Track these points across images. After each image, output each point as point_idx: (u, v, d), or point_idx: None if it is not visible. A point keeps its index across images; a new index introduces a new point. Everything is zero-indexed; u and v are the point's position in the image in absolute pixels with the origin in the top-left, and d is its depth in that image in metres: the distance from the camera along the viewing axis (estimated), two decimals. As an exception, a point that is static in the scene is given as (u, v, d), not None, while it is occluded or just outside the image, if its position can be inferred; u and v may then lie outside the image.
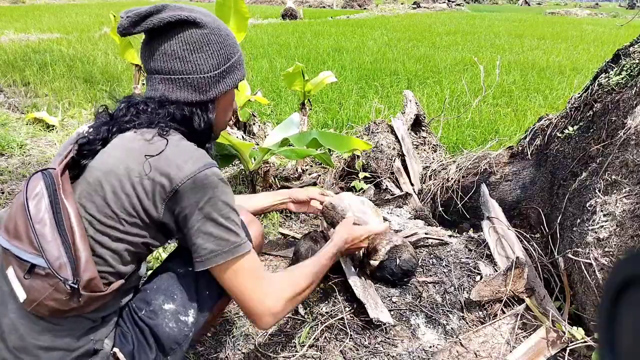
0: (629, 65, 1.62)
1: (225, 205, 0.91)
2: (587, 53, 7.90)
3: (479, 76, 5.23)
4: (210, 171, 0.89)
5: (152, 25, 0.91)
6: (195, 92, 0.97)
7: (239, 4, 2.16)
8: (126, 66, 5.55)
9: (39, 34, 8.63)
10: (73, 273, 0.81)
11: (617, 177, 1.43)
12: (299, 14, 15.10)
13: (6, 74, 5.07)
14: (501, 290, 1.51)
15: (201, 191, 0.87)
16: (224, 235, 0.90)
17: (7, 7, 16.77)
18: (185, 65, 0.94)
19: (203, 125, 1.00)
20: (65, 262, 0.81)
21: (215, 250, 0.90)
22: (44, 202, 0.83)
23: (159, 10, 0.92)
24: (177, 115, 0.96)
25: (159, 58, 0.94)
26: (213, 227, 0.89)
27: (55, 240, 0.81)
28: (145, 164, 0.87)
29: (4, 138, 2.99)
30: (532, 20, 16.55)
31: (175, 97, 0.96)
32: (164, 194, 0.87)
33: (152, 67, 0.96)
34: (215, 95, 1.00)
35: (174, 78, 0.95)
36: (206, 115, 1.00)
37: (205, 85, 0.97)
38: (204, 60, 0.96)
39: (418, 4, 22.66)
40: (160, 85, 0.95)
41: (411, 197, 2.23)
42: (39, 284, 0.81)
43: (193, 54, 0.94)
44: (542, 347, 1.33)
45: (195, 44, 0.94)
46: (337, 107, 4.27)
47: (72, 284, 0.81)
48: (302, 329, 1.43)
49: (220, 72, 0.98)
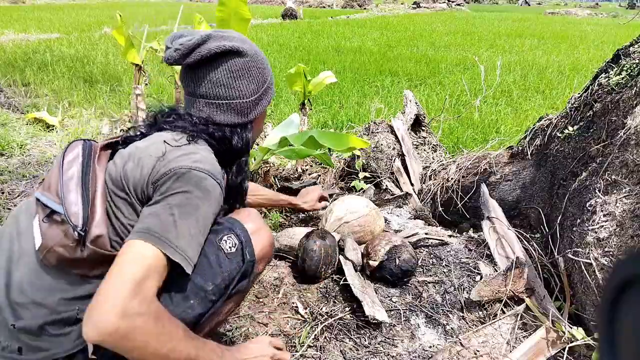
0: (629, 65, 1.62)
1: (194, 210, 0.88)
2: (587, 53, 7.90)
3: (479, 76, 5.24)
4: (207, 176, 0.92)
5: (201, 57, 0.99)
6: (238, 115, 1.06)
7: (241, 7, 2.16)
8: (126, 66, 5.55)
9: (39, 34, 8.63)
10: (83, 223, 0.88)
11: (617, 177, 1.43)
12: (299, 14, 15.10)
13: (6, 74, 5.07)
14: (501, 290, 1.51)
15: (186, 182, 0.89)
16: (166, 221, 0.85)
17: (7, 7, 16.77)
18: (229, 91, 1.03)
19: (242, 144, 1.09)
20: (79, 211, 0.89)
21: (151, 229, 0.84)
22: (77, 163, 0.95)
23: (205, 41, 0.99)
24: (216, 135, 1.04)
25: (205, 85, 1.02)
26: (165, 210, 0.86)
27: (77, 193, 0.91)
28: (158, 153, 0.94)
29: (4, 138, 2.99)
30: (532, 20, 16.55)
31: (219, 119, 1.05)
32: (155, 177, 0.92)
33: (197, 92, 1.04)
34: (255, 116, 1.10)
35: (219, 103, 1.04)
36: (245, 134, 1.09)
37: (247, 108, 1.07)
38: (246, 87, 1.05)
39: (418, 4, 22.67)
40: (206, 108, 1.04)
41: (411, 197, 2.23)
42: (53, 230, 0.90)
43: (236, 81, 1.03)
44: (542, 347, 1.33)
45: (238, 72, 1.03)
46: (337, 107, 4.26)
47: (80, 231, 0.88)
48: (302, 329, 1.43)
49: (259, 95, 1.08)
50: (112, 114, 3.95)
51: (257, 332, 1.45)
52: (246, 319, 1.49)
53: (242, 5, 2.17)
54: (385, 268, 1.60)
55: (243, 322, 1.49)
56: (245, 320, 1.49)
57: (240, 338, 1.42)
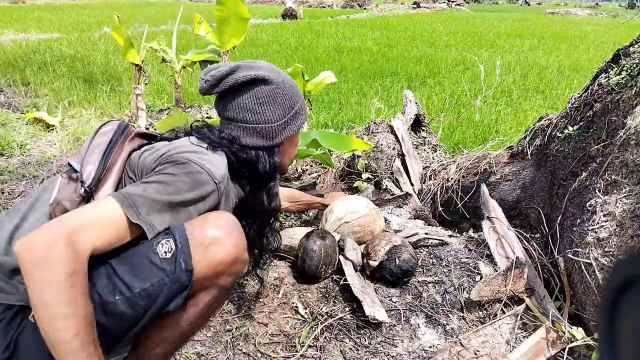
0: (629, 65, 1.62)
1: (175, 192, 0.92)
2: (587, 53, 7.91)
3: (479, 76, 5.24)
4: (203, 172, 0.96)
5: (229, 87, 1.07)
6: (263, 139, 1.12)
7: (240, 6, 2.16)
8: (126, 66, 5.55)
9: (39, 34, 8.63)
10: (92, 182, 0.98)
11: (617, 177, 1.43)
12: (299, 14, 15.11)
13: (6, 74, 5.07)
14: (501, 290, 1.51)
15: (179, 170, 0.94)
16: (142, 194, 0.89)
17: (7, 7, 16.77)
18: (255, 116, 1.10)
19: (268, 167, 1.14)
20: (92, 172, 1.00)
21: (130, 194, 0.89)
22: (108, 135, 1.06)
23: (233, 72, 1.08)
24: (240, 155, 1.10)
25: (233, 109, 1.10)
26: (150, 180, 0.94)
27: (97, 159, 1.02)
28: (170, 149, 1.01)
29: (4, 138, 2.99)
30: (532, 20, 16.55)
31: (246, 142, 1.11)
32: (161, 160, 0.98)
33: (227, 116, 1.12)
34: (281, 140, 1.15)
35: (246, 126, 1.10)
36: (272, 158, 1.15)
37: (273, 132, 1.12)
38: (272, 112, 1.11)
39: (418, 4, 22.67)
40: (234, 131, 1.11)
41: (411, 197, 2.23)
42: (68, 186, 1.00)
43: (262, 106, 1.09)
44: (542, 347, 1.33)
45: (264, 99, 1.09)
46: (337, 107, 4.27)
47: (87, 187, 0.98)
48: (302, 329, 1.43)
49: (285, 120, 1.13)
50: (112, 114, 3.95)
51: (257, 332, 1.45)
52: (246, 319, 1.49)
53: (240, 4, 2.17)
54: (385, 268, 1.60)
55: (243, 322, 1.49)
56: (245, 320, 1.50)
57: (241, 338, 1.42)
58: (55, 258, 0.76)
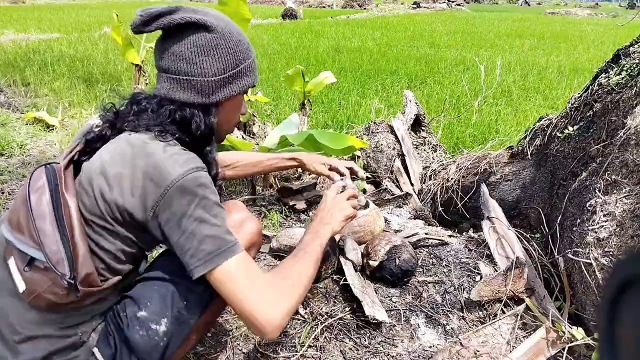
0: (629, 65, 1.62)
1: (215, 205, 0.89)
2: (587, 53, 7.91)
3: (479, 76, 5.24)
4: (197, 174, 0.88)
5: (162, 26, 0.92)
6: (197, 95, 0.97)
7: (241, 6, 2.17)
8: (126, 66, 5.55)
9: (39, 34, 8.63)
10: (70, 268, 0.83)
11: (617, 177, 1.43)
12: (299, 14, 15.11)
13: (6, 74, 5.07)
14: (501, 290, 1.51)
15: (190, 194, 0.86)
16: (220, 234, 0.88)
17: (7, 7, 16.78)
18: (190, 67, 0.95)
19: (203, 127, 0.99)
20: (63, 257, 0.83)
21: (213, 250, 0.86)
22: (45, 197, 0.85)
23: (171, 12, 0.93)
24: (177, 117, 0.96)
25: (167, 57, 0.95)
26: (207, 228, 0.87)
27: (55, 235, 0.83)
28: (135, 169, 0.87)
29: (4, 138, 2.99)
30: (532, 20, 16.55)
31: (178, 97, 0.96)
32: (152, 200, 0.86)
33: (161, 65, 0.97)
34: (219, 99, 0.99)
35: (179, 78, 0.96)
36: (208, 118, 1.00)
37: (209, 88, 0.97)
38: (210, 64, 0.96)
39: (418, 4, 22.68)
40: (166, 84, 0.97)
41: (411, 197, 2.23)
42: (38, 277, 0.84)
43: (199, 56, 0.95)
44: (542, 347, 1.33)
45: (202, 47, 0.94)
46: (337, 107, 4.27)
47: (70, 279, 0.83)
48: (302, 329, 1.43)
49: (226, 76, 0.98)
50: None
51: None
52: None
53: (242, 5, 2.17)
54: (385, 268, 1.60)
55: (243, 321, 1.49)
56: (245, 320, 1.49)
57: (240, 338, 1.42)
58: (281, 301, 0.91)
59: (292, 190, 2.31)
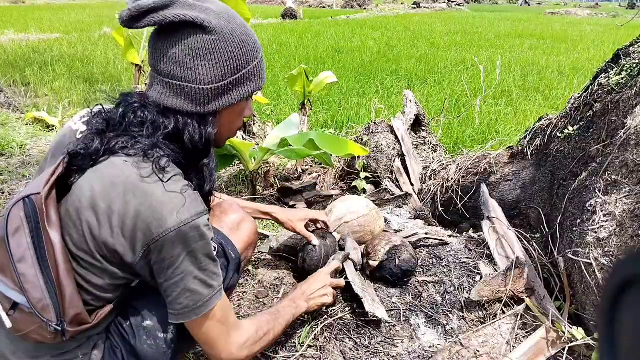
0: (629, 65, 1.62)
1: (205, 257, 0.85)
2: (587, 53, 7.91)
3: (479, 76, 5.24)
4: (194, 223, 0.81)
5: (153, 23, 0.81)
6: (191, 103, 0.86)
7: (241, 6, 2.16)
8: (126, 66, 5.55)
9: (39, 34, 8.64)
10: (57, 314, 0.78)
11: (617, 177, 1.43)
12: (299, 14, 15.12)
13: (6, 74, 5.07)
14: (501, 290, 1.51)
15: (183, 244, 0.81)
16: (200, 289, 0.85)
17: (7, 7, 16.78)
18: (184, 72, 0.84)
19: (197, 139, 0.88)
20: (48, 303, 0.77)
21: (189, 306, 0.85)
22: (25, 238, 0.77)
23: (165, 7, 0.81)
24: (171, 129, 0.86)
25: (160, 58, 0.85)
26: (190, 282, 0.84)
27: (38, 280, 0.76)
28: (127, 206, 0.79)
29: (4, 138, 2.99)
30: (532, 20, 16.56)
31: (170, 103, 0.86)
32: (143, 243, 0.81)
33: (153, 65, 0.87)
34: (216, 109, 0.89)
35: (172, 83, 0.85)
36: (204, 129, 0.89)
37: (204, 97, 0.86)
38: (206, 70, 0.85)
39: (418, 4, 22.69)
40: (159, 87, 0.86)
41: (411, 197, 2.23)
42: (24, 319, 0.79)
43: (194, 61, 0.84)
44: (542, 347, 1.33)
45: (198, 51, 0.83)
46: (337, 107, 4.27)
47: (57, 325, 0.78)
48: (302, 329, 1.43)
49: (225, 84, 0.87)
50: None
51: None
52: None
53: (242, 4, 2.17)
54: (385, 268, 1.60)
55: (243, 322, 1.49)
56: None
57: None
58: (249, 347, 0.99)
59: (292, 190, 2.32)
